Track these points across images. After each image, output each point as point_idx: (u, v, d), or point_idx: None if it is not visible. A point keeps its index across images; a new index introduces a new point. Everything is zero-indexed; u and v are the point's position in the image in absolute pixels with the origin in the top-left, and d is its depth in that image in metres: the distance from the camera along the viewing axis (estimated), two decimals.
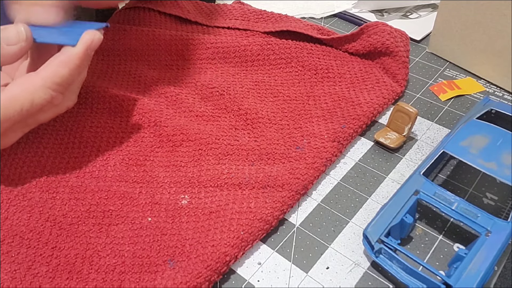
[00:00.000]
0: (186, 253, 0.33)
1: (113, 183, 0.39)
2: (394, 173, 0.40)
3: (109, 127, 0.44)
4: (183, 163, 0.40)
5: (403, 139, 0.42)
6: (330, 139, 0.41)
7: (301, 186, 0.38)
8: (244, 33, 0.55)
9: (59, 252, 0.34)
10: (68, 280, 0.32)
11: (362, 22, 0.59)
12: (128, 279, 0.32)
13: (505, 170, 0.34)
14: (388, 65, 0.48)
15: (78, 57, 0.36)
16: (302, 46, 0.51)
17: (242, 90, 0.48)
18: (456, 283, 0.30)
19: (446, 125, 0.45)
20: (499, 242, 0.31)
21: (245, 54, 0.51)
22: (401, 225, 0.34)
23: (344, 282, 0.33)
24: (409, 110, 0.41)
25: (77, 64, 0.36)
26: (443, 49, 0.53)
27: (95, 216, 0.36)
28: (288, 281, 0.33)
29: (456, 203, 0.34)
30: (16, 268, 0.33)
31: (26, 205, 0.37)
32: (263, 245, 0.35)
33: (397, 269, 0.32)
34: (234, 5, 0.60)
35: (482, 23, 0.47)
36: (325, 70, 0.49)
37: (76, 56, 0.36)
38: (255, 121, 0.44)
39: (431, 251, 0.34)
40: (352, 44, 0.51)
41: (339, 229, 0.36)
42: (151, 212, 0.36)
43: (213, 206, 0.36)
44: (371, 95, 0.46)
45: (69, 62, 0.35)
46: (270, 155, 0.40)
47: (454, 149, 0.36)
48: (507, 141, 0.36)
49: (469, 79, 0.50)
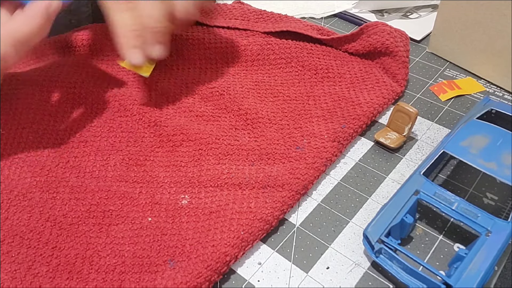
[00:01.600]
0: (186, 253, 0.33)
1: (113, 183, 0.39)
2: (394, 173, 0.40)
3: (109, 127, 0.44)
4: (183, 163, 0.40)
5: (403, 139, 0.42)
6: (330, 139, 0.41)
7: (301, 186, 0.38)
8: (244, 33, 0.55)
9: (59, 252, 0.34)
10: (68, 280, 0.32)
11: (362, 22, 0.59)
12: (128, 279, 0.32)
13: (505, 170, 0.34)
14: (388, 65, 0.48)
15: (40, 15, 0.37)
16: (302, 46, 0.51)
17: (242, 90, 0.48)
18: (456, 283, 0.30)
19: (446, 125, 0.45)
20: (499, 242, 0.31)
21: (245, 54, 0.51)
22: (401, 225, 0.34)
23: (344, 282, 0.33)
24: (409, 110, 0.41)
25: (38, 22, 0.37)
26: (443, 49, 0.53)
27: (95, 216, 0.36)
28: (288, 281, 0.33)
29: (456, 203, 0.34)
30: (16, 268, 0.33)
31: (26, 205, 0.37)
32: (263, 245, 0.35)
33: (397, 269, 0.32)
34: (234, 5, 0.60)
35: (482, 23, 0.47)
36: (325, 70, 0.49)
37: (38, 14, 0.37)
38: (255, 121, 0.44)
39: (431, 251, 0.34)
40: (352, 44, 0.51)
41: (339, 229, 0.36)
42: (151, 212, 0.36)
43: (213, 206, 0.36)
44: (371, 95, 0.46)
45: (31, 20, 0.37)
46: (270, 155, 0.40)
47: (454, 149, 0.36)
48: (507, 141, 0.36)
49: (469, 79, 0.50)
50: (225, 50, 0.52)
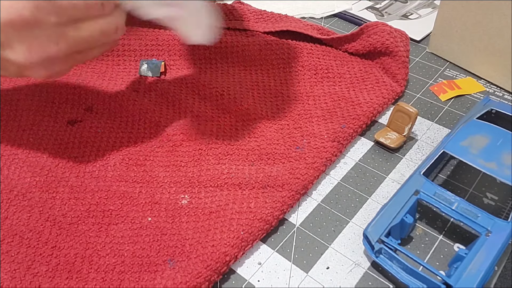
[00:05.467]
0: (186, 253, 0.33)
1: (113, 183, 0.39)
2: (394, 173, 0.40)
3: (109, 127, 0.44)
4: (183, 163, 0.40)
5: (403, 139, 0.42)
6: (330, 139, 0.41)
7: (301, 186, 0.38)
8: (244, 33, 0.55)
9: (58, 251, 0.34)
10: (67, 279, 0.32)
11: (362, 22, 0.59)
12: (127, 279, 0.32)
13: (505, 170, 0.34)
14: (388, 65, 0.48)
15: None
16: (302, 46, 0.51)
17: (242, 90, 0.48)
18: (456, 283, 0.30)
19: (446, 125, 0.45)
20: (499, 242, 0.31)
21: (245, 54, 0.51)
22: (401, 225, 0.34)
23: (344, 282, 0.33)
24: (409, 110, 0.41)
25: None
26: (443, 49, 0.53)
27: (95, 215, 0.36)
28: (288, 281, 0.33)
29: (456, 203, 0.34)
30: (16, 268, 0.33)
31: (26, 205, 0.37)
32: (263, 245, 0.35)
33: (397, 269, 0.32)
34: (234, 5, 0.60)
35: (482, 23, 0.47)
36: (325, 70, 0.49)
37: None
38: (255, 121, 0.44)
39: (431, 251, 0.34)
40: (352, 44, 0.51)
41: (339, 229, 0.36)
42: (151, 212, 0.36)
43: (213, 206, 0.36)
44: (371, 95, 0.46)
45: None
46: (270, 155, 0.40)
47: (454, 149, 0.36)
48: (507, 141, 0.36)
49: (469, 79, 0.50)
50: (225, 50, 0.52)
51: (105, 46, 0.36)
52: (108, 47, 0.37)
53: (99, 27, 0.34)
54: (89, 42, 0.34)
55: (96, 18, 0.33)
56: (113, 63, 0.52)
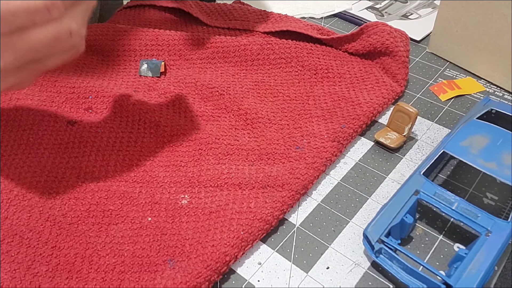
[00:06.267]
0: (186, 253, 0.33)
1: (113, 183, 0.39)
2: (394, 173, 0.40)
3: (109, 127, 0.44)
4: (183, 163, 0.40)
5: (403, 139, 0.42)
6: (330, 139, 0.41)
7: (301, 186, 0.38)
8: (244, 33, 0.55)
9: (58, 251, 0.34)
10: (67, 279, 0.32)
11: (362, 22, 0.59)
12: (127, 279, 0.32)
13: (505, 170, 0.34)
14: (388, 65, 0.48)
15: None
16: (302, 46, 0.51)
17: (242, 90, 0.48)
18: (456, 283, 0.30)
19: (446, 125, 0.45)
20: (499, 242, 0.31)
21: (245, 54, 0.51)
22: (401, 225, 0.34)
23: (344, 282, 0.33)
24: (409, 110, 0.41)
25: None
26: (443, 49, 0.53)
27: (95, 215, 0.36)
28: (288, 281, 0.33)
29: (456, 203, 0.34)
30: (16, 268, 0.33)
31: (26, 205, 0.37)
32: (263, 245, 0.35)
33: (397, 269, 0.32)
34: (234, 5, 0.60)
35: (482, 23, 0.47)
36: (325, 70, 0.49)
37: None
38: (255, 121, 0.44)
39: (431, 251, 0.34)
40: (352, 44, 0.51)
41: (339, 229, 0.36)
42: (151, 212, 0.36)
43: (213, 206, 0.36)
44: (371, 95, 0.46)
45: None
46: (270, 155, 0.40)
47: (454, 149, 0.36)
48: (507, 141, 0.36)
49: (469, 79, 0.50)
50: (225, 50, 0.52)
51: (65, 52, 0.33)
52: (69, 53, 0.33)
53: (50, 34, 0.30)
54: (41, 50, 0.31)
55: (44, 24, 0.30)
56: (113, 63, 0.52)
